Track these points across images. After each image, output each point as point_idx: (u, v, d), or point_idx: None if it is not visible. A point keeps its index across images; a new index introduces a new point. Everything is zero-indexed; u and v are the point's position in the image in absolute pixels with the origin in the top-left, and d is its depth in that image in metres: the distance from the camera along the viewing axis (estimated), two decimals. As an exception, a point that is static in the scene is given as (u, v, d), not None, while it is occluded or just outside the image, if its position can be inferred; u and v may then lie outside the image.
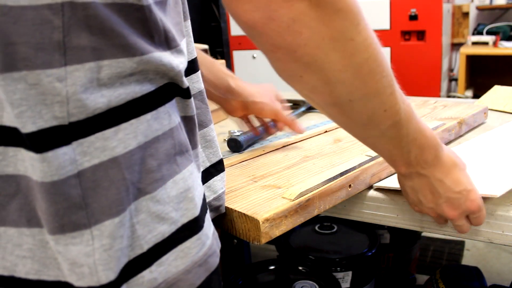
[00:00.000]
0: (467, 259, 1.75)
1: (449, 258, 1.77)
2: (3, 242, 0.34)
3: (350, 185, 0.61)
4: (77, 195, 0.33)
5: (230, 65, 2.43)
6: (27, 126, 0.31)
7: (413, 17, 2.07)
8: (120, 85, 0.35)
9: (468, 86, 2.77)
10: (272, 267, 1.03)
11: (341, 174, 0.60)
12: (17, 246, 0.34)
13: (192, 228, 0.40)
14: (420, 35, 2.11)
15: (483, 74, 2.93)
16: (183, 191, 0.39)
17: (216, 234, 0.45)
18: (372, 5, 2.11)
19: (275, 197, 0.56)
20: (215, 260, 0.43)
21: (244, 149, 0.77)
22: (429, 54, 2.10)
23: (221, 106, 0.73)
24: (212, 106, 1.08)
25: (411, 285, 1.37)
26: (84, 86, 0.33)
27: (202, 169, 0.48)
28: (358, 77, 0.38)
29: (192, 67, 0.47)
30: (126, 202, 0.35)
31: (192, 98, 0.42)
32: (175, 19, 0.41)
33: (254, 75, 2.33)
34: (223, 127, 1.05)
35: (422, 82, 2.11)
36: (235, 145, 0.77)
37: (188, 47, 0.45)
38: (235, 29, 2.36)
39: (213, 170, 0.51)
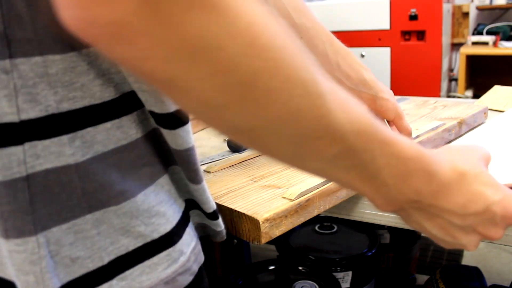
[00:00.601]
0: (467, 259, 1.75)
1: (449, 258, 1.77)
2: None
3: (350, 185, 0.61)
4: (24, 199, 0.32)
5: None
6: None
7: (413, 17, 2.07)
8: (78, 86, 0.33)
9: (468, 86, 2.77)
10: (272, 267, 1.03)
11: (341, 174, 0.60)
12: None
13: (162, 243, 0.38)
14: (420, 35, 2.11)
15: (483, 74, 2.93)
16: (154, 205, 0.38)
17: (199, 249, 0.44)
18: (372, 5, 2.12)
19: (275, 197, 0.56)
20: (187, 279, 0.41)
21: (244, 149, 0.77)
22: (429, 54, 2.10)
23: None
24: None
25: (411, 285, 1.37)
26: (33, 80, 0.32)
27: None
28: (246, 99, 0.25)
29: None
30: (79, 210, 0.34)
31: None
32: None
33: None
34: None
35: (422, 82, 2.12)
36: (235, 145, 0.77)
37: None
38: (235, 29, 2.37)
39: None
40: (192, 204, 0.45)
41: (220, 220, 0.47)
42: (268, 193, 0.57)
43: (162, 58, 0.23)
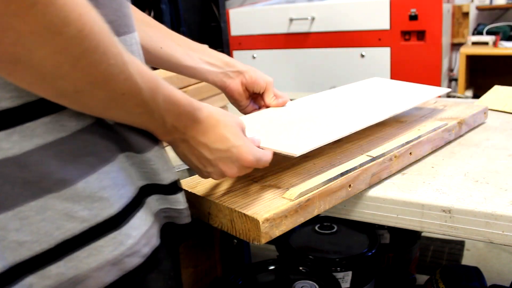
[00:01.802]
0: (467, 259, 1.75)
1: (449, 258, 1.77)
2: None
3: (350, 185, 0.61)
4: None
5: (230, 65, 2.43)
6: None
7: (413, 17, 2.07)
8: (14, 87, 0.36)
9: (468, 86, 2.77)
10: (272, 267, 1.03)
11: (341, 174, 0.60)
12: None
13: (106, 227, 0.41)
14: (420, 35, 2.11)
15: (483, 74, 2.93)
16: (97, 191, 0.40)
17: (153, 232, 0.46)
18: (372, 5, 2.11)
19: (275, 197, 0.56)
20: (135, 261, 0.43)
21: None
22: (429, 54, 2.10)
23: (221, 85, 0.75)
24: (214, 105, 1.08)
25: (411, 285, 1.37)
26: None
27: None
28: (77, 70, 0.34)
29: None
30: (23, 198, 0.37)
31: None
32: None
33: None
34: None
35: (422, 82, 2.11)
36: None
37: None
38: (235, 29, 2.36)
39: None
40: (152, 189, 0.47)
41: (180, 195, 0.49)
42: (268, 193, 0.57)
43: (11, 42, 0.31)
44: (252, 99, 0.79)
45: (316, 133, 0.63)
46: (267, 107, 0.78)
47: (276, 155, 0.57)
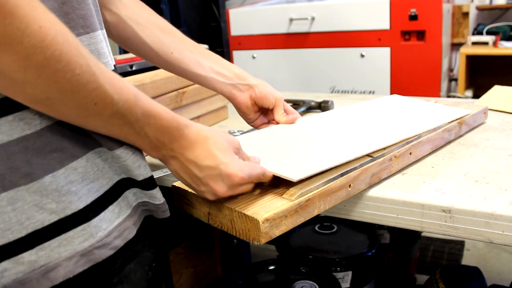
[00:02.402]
0: (467, 259, 1.75)
1: (449, 258, 1.77)
2: None
3: (350, 185, 0.61)
4: None
5: (230, 65, 2.43)
6: None
7: (413, 17, 2.07)
8: None
9: (468, 86, 2.77)
10: (272, 267, 1.03)
11: (341, 174, 0.60)
12: None
13: (75, 219, 0.43)
14: (420, 35, 2.11)
15: (483, 74, 2.93)
16: (64, 185, 0.42)
17: (127, 225, 0.48)
18: (372, 5, 2.11)
19: (275, 197, 0.56)
20: (105, 253, 0.45)
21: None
22: (429, 54, 2.10)
23: (229, 96, 0.75)
24: (212, 106, 1.08)
25: (411, 285, 1.37)
26: None
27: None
28: (43, 76, 0.36)
29: None
30: None
31: None
32: None
33: (254, 75, 2.33)
34: (223, 127, 1.05)
35: (422, 82, 2.11)
36: None
37: None
38: (235, 29, 2.36)
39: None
40: (129, 183, 0.49)
41: (156, 191, 0.51)
42: (268, 193, 0.57)
43: None
44: (262, 113, 0.78)
45: (319, 156, 0.62)
46: (277, 122, 0.77)
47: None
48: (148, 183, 0.50)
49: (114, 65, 0.53)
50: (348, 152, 0.63)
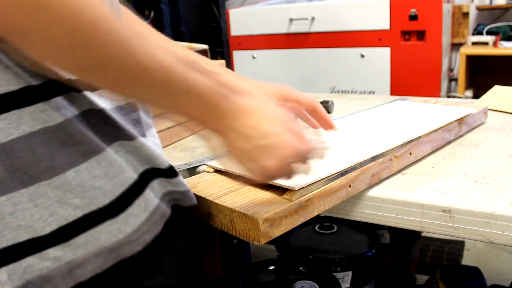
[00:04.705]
0: (467, 259, 1.75)
1: (449, 258, 1.77)
2: None
3: (350, 185, 0.61)
4: None
5: (230, 65, 2.43)
6: None
7: (413, 17, 2.07)
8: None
9: (468, 86, 2.77)
10: (272, 267, 1.03)
11: (341, 174, 0.60)
12: None
13: (102, 215, 0.41)
14: (420, 35, 2.11)
15: (483, 74, 2.93)
16: (88, 180, 0.41)
17: (154, 220, 0.46)
18: (372, 5, 2.11)
19: (275, 197, 0.56)
20: (134, 249, 0.44)
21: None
22: (429, 54, 2.10)
23: None
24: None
25: (411, 285, 1.37)
26: None
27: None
28: (87, 43, 0.34)
29: None
30: (13, 185, 0.38)
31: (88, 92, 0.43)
32: None
33: (254, 75, 2.33)
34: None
35: (422, 82, 2.11)
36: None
37: None
38: (235, 29, 2.36)
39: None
40: (154, 173, 0.47)
41: (180, 178, 0.50)
42: (268, 193, 0.57)
43: (20, 14, 0.31)
44: None
45: (319, 163, 0.62)
46: None
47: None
48: (172, 171, 0.49)
49: None
50: (348, 159, 0.63)
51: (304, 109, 0.69)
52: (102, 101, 0.44)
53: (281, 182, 0.56)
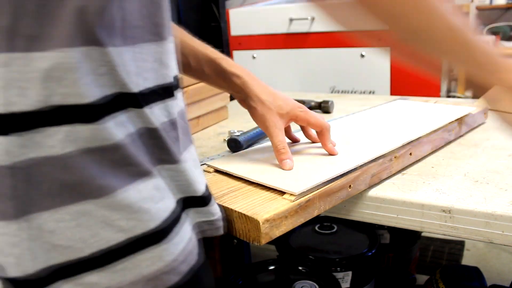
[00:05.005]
0: (467, 259, 1.75)
1: (449, 258, 1.77)
2: None
3: (350, 186, 0.61)
4: (7, 185, 0.34)
5: (230, 65, 2.43)
6: None
7: (413, 17, 2.08)
8: (67, 84, 0.35)
9: (468, 86, 2.77)
10: (272, 267, 1.03)
11: (342, 175, 0.60)
12: None
13: (145, 240, 0.39)
14: (420, 35, 2.11)
15: (483, 74, 2.92)
16: (136, 202, 0.39)
17: (190, 250, 0.44)
18: (372, 5, 2.12)
19: (275, 197, 0.56)
20: (172, 279, 0.41)
21: (244, 149, 0.77)
22: (429, 54, 2.10)
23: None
24: (212, 106, 1.08)
25: (411, 285, 1.37)
26: (28, 74, 0.33)
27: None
28: (415, 10, 0.47)
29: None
30: (60, 201, 0.36)
31: (148, 108, 0.41)
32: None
33: (254, 75, 2.33)
34: (223, 127, 1.05)
35: (422, 82, 2.11)
36: (235, 145, 0.77)
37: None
38: (235, 29, 2.36)
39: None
40: (188, 202, 0.46)
41: (212, 203, 0.48)
42: (268, 193, 0.57)
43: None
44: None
45: (319, 167, 0.62)
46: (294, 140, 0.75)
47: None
48: (205, 198, 0.47)
49: (176, 77, 0.47)
50: (349, 161, 0.63)
51: (314, 130, 0.70)
52: (155, 118, 0.42)
53: (281, 186, 0.56)
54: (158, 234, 0.40)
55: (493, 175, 0.67)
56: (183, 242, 0.43)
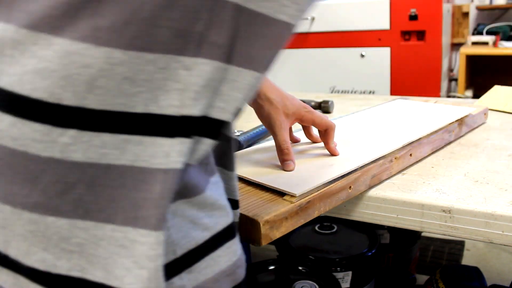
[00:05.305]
0: (467, 259, 1.75)
1: (449, 258, 1.78)
2: (50, 233, 0.31)
3: (350, 187, 0.61)
4: (158, 192, 0.32)
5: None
6: (137, 107, 0.31)
7: (413, 17, 2.07)
8: (225, 99, 0.34)
9: (468, 86, 2.77)
10: (272, 267, 1.03)
11: (342, 176, 0.60)
12: (64, 239, 0.31)
13: (224, 236, 0.39)
14: (420, 35, 2.11)
15: (483, 74, 2.93)
16: (218, 199, 0.39)
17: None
18: (372, 5, 2.11)
19: (275, 198, 0.56)
20: (243, 272, 0.42)
21: (244, 149, 0.77)
22: (429, 54, 2.10)
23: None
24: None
25: (411, 285, 1.37)
26: (205, 82, 0.32)
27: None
28: None
29: None
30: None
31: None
32: None
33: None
34: (223, 128, 1.05)
35: (422, 82, 2.12)
36: (235, 145, 0.77)
37: None
38: (235, 29, 2.37)
39: None
40: (231, 204, 0.46)
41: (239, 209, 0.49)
42: (268, 194, 0.57)
43: None
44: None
45: (320, 168, 0.62)
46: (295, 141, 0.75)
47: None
48: (238, 201, 0.47)
49: None
50: (349, 163, 0.63)
51: (319, 129, 0.70)
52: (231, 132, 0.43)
53: (281, 187, 0.56)
54: (233, 229, 0.40)
55: (493, 175, 0.67)
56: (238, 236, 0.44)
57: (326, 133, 0.68)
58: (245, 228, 0.52)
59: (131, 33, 0.30)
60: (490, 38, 2.74)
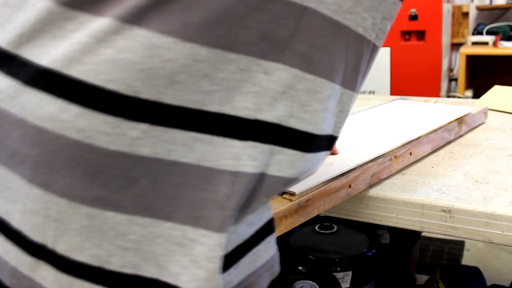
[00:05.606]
0: (467, 259, 1.75)
1: (449, 258, 1.78)
2: (106, 228, 0.30)
3: (350, 185, 0.61)
4: (225, 194, 0.31)
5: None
6: (211, 106, 0.30)
7: (413, 17, 2.07)
8: (309, 110, 0.34)
9: (468, 86, 2.77)
10: (272, 267, 1.03)
11: (341, 174, 0.60)
12: (120, 235, 0.31)
13: (266, 231, 0.39)
14: (420, 35, 2.11)
15: (483, 74, 2.93)
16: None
17: None
18: (372, 5, 2.11)
19: (274, 197, 0.56)
20: (278, 267, 0.41)
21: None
22: (429, 54, 2.10)
23: None
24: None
25: (411, 285, 1.37)
26: (283, 88, 0.32)
27: None
28: None
29: None
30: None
31: None
32: None
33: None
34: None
35: (422, 82, 2.11)
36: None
37: None
38: (235, 29, 2.37)
39: None
40: None
41: None
42: (268, 193, 0.57)
43: None
44: None
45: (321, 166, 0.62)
46: None
47: None
48: None
49: None
50: (348, 161, 0.63)
51: None
52: None
53: None
54: (273, 224, 0.40)
55: (493, 175, 0.67)
56: None
57: None
58: (244, 228, 0.52)
59: (220, 31, 0.30)
60: (490, 38, 2.74)
